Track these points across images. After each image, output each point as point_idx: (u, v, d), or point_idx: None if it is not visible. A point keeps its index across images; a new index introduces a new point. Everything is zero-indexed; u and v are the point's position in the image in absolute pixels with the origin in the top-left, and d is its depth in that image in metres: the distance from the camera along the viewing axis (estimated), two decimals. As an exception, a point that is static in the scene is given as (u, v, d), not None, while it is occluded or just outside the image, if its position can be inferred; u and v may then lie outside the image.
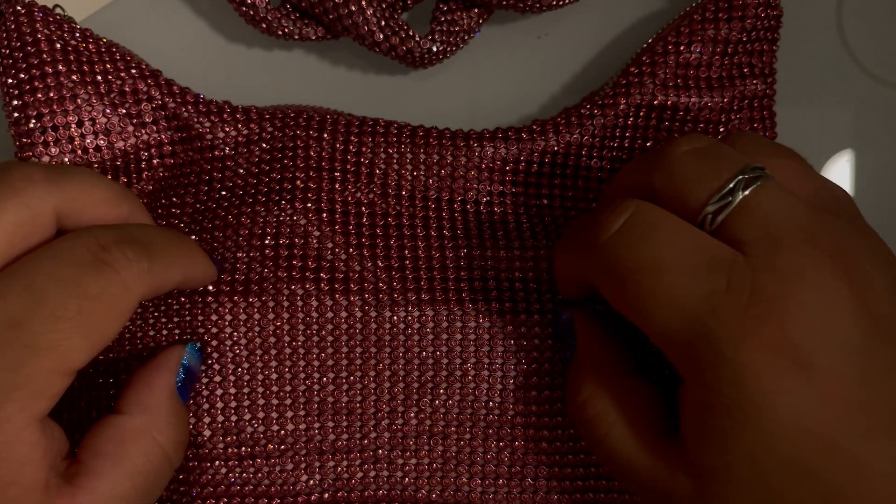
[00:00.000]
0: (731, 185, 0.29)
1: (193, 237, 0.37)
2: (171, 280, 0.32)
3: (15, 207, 0.29)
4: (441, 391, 0.36)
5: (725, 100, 0.40)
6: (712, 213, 0.29)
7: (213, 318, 0.35)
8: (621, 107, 0.39)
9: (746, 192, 0.29)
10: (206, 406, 0.35)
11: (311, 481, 0.36)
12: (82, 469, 0.30)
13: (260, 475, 0.36)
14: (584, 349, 0.35)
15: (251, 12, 0.40)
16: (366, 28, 0.39)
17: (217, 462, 0.35)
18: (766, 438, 0.27)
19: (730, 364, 0.27)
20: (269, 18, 0.40)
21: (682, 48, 0.39)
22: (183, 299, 0.36)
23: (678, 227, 0.30)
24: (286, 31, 0.41)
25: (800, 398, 0.27)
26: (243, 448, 0.36)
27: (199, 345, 0.35)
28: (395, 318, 0.36)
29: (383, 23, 0.39)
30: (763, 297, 0.28)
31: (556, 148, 0.39)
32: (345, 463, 0.36)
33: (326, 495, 0.36)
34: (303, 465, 0.36)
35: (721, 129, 0.40)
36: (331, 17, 0.39)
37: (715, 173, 0.30)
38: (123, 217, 0.33)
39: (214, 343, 0.35)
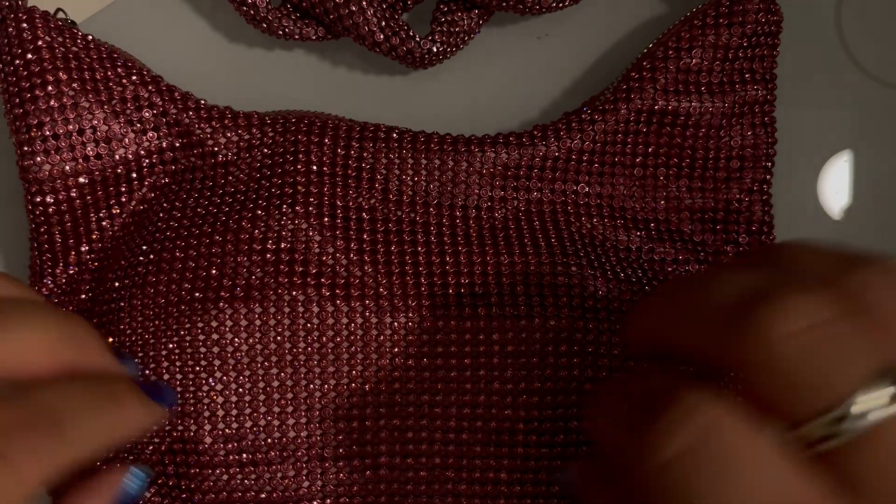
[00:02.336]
0: (852, 409, 0.22)
1: (193, 241, 0.37)
2: (90, 452, 0.28)
3: None
4: (441, 397, 0.36)
5: (726, 105, 0.40)
6: (818, 438, 0.22)
7: (214, 324, 0.35)
8: (622, 112, 0.39)
9: (874, 421, 0.21)
10: (206, 413, 0.36)
11: (313, 487, 0.36)
12: None
13: (261, 482, 0.36)
14: None
15: (252, 12, 0.40)
16: (366, 28, 0.39)
17: (218, 469, 0.36)
18: None
19: None
20: (270, 18, 0.40)
21: (682, 53, 0.39)
22: (183, 307, 0.36)
23: (760, 465, 0.22)
24: (287, 31, 0.41)
25: None
26: (244, 455, 0.36)
27: (145, 472, 0.34)
28: (396, 324, 0.36)
29: (384, 23, 0.39)
30: None
31: (556, 153, 0.39)
32: (346, 469, 0.36)
33: (328, 501, 0.37)
34: (304, 472, 0.36)
35: (722, 134, 0.40)
36: (331, 17, 0.39)
37: (829, 381, 0.22)
38: (64, 365, 0.30)
39: (216, 350, 0.35)
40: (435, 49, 0.40)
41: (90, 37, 0.38)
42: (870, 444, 0.22)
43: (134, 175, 0.38)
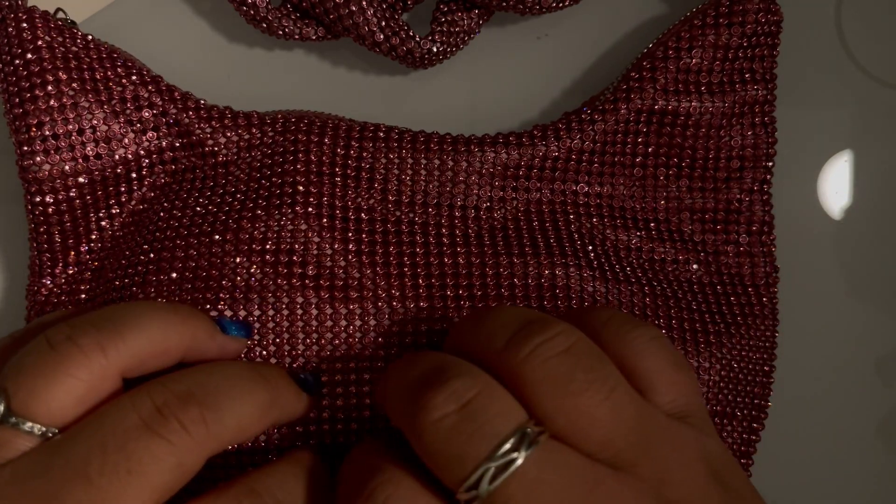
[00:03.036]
0: (478, 475, 0.26)
1: (193, 240, 0.37)
2: (245, 433, 0.30)
3: (72, 384, 0.29)
4: None
5: (726, 105, 0.40)
6: (464, 501, 0.27)
7: None
8: (622, 112, 0.39)
9: (494, 485, 0.26)
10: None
11: (313, 488, 0.36)
12: None
13: None
14: None
15: (252, 12, 0.40)
16: (366, 28, 0.39)
17: (218, 471, 0.36)
18: None
19: None
20: (270, 18, 0.40)
21: (682, 53, 0.39)
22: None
23: None
24: (286, 31, 0.41)
25: None
26: (245, 457, 0.36)
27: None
28: (395, 326, 0.36)
29: (384, 23, 0.39)
30: None
31: (556, 153, 0.39)
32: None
33: (327, 501, 0.37)
34: None
35: (722, 134, 0.40)
36: (331, 17, 0.39)
37: (460, 459, 0.27)
38: (188, 343, 0.32)
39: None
40: (435, 49, 0.40)
41: (90, 37, 0.38)
42: (496, 500, 0.26)
43: (134, 175, 0.38)
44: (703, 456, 0.29)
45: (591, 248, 0.38)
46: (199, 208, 0.38)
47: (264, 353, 0.36)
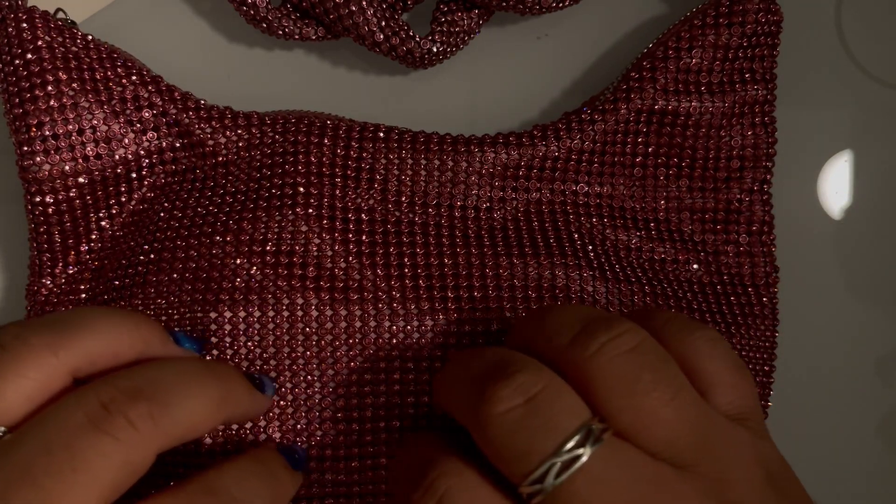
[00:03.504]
0: (544, 469, 0.27)
1: (194, 241, 0.37)
2: (195, 429, 0.30)
3: (21, 383, 0.29)
4: None
5: (726, 105, 0.40)
6: (527, 494, 0.27)
7: (213, 327, 0.35)
8: (622, 112, 0.39)
9: (561, 479, 0.27)
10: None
11: (312, 488, 0.36)
12: None
13: None
14: None
15: (252, 12, 0.40)
16: (366, 28, 0.39)
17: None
18: None
19: None
20: (270, 18, 0.40)
21: (682, 53, 0.39)
22: (183, 309, 0.36)
23: None
24: (286, 30, 0.41)
25: None
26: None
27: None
28: (395, 327, 0.36)
29: (384, 23, 0.39)
30: None
31: (556, 153, 0.39)
32: (346, 470, 0.36)
33: (327, 501, 0.37)
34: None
35: (722, 134, 0.40)
36: (331, 17, 0.39)
37: (527, 452, 0.27)
38: (139, 349, 0.32)
39: (215, 353, 0.35)
40: (435, 49, 0.40)
41: (90, 37, 0.38)
42: (561, 495, 0.27)
43: (134, 175, 0.38)
44: (760, 459, 0.30)
45: (591, 248, 0.38)
46: (199, 209, 0.38)
47: (264, 354, 0.36)
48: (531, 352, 0.30)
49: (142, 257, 0.37)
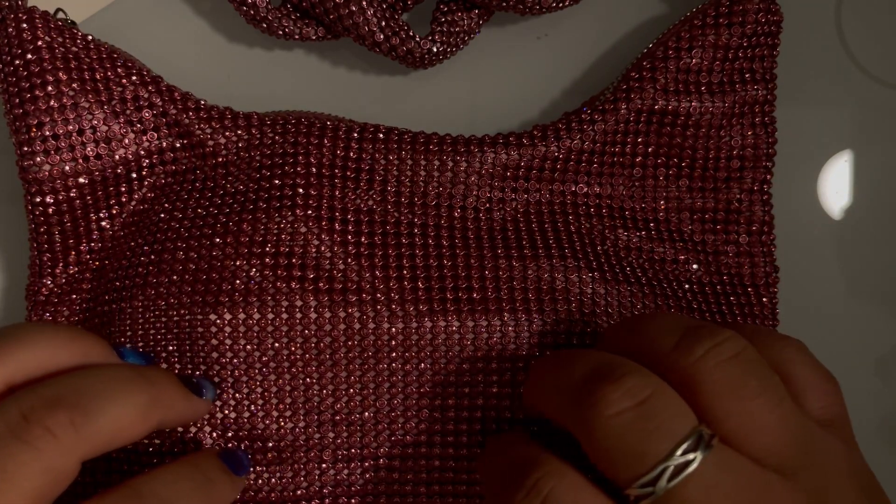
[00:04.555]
0: (657, 472, 0.27)
1: (194, 243, 0.37)
2: (122, 435, 0.30)
3: None
4: (440, 401, 0.36)
5: (726, 105, 0.40)
6: (634, 496, 0.28)
7: (213, 329, 0.35)
8: (622, 112, 0.39)
9: (673, 483, 0.27)
10: (205, 416, 0.36)
11: (311, 488, 0.36)
12: None
13: (259, 482, 0.36)
14: None
15: (252, 12, 0.40)
16: (366, 28, 0.39)
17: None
18: None
19: None
20: (270, 18, 0.40)
21: (682, 53, 0.39)
22: (182, 311, 0.36)
23: None
24: (287, 31, 0.41)
25: None
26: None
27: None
28: (394, 329, 0.36)
29: (384, 23, 0.39)
30: None
31: (556, 153, 0.39)
32: (345, 471, 0.36)
33: (326, 502, 0.37)
34: (302, 473, 0.36)
35: (722, 134, 0.40)
36: (331, 17, 0.39)
37: (640, 455, 0.27)
38: (78, 361, 0.31)
39: (214, 355, 0.35)
40: (435, 49, 0.40)
41: (90, 37, 0.38)
42: (672, 498, 0.27)
43: (134, 175, 0.38)
44: (854, 471, 0.30)
45: (590, 248, 0.38)
46: (199, 210, 0.38)
47: (263, 356, 0.36)
48: (629, 357, 0.30)
49: (142, 258, 0.37)
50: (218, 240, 0.37)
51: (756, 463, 0.28)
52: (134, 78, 0.38)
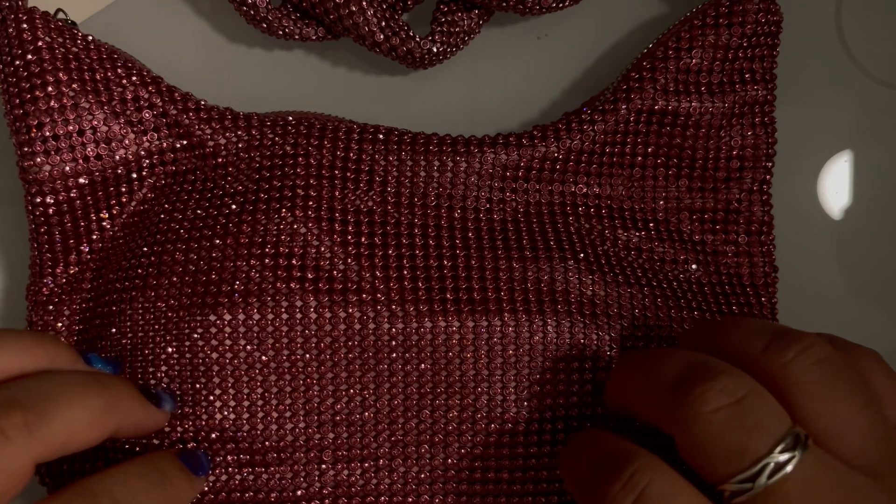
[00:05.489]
0: (756, 469, 0.28)
1: (194, 244, 0.37)
2: (76, 439, 0.30)
3: None
4: (441, 401, 0.36)
5: (726, 105, 0.40)
6: (730, 492, 0.28)
7: (213, 330, 0.35)
8: (622, 112, 0.39)
9: (773, 480, 0.27)
10: (205, 416, 0.36)
11: (311, 489, 0.36)
12: None
13: (259, 482, 0.36)
14: None
15: (252, 12, 0.40)
16: (366, 28, 0.39)
17: (217, 469, 0.36)
18: None
19: None
20: (270, 18, 0.40)
21: (682, 53, 0.39)
22: (182, 312, 0.36)
23: None
24: (287, 31, 0.41)
25: None
26: (243, 456, 0.36)
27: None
28: (394, 329, 0.36)
29: (384, 23, 0.39)
30: None
31: (556, 154, 0.39)
32: (345, 472, 0.37)
33: (326, 502, 0.37)
34: (302, 474, 0.36)
35: (722, 134, 0.40)
36: (331, 17, 0.39)
37: (740, 451, 0.28)
38: (43, 366, 0.32)
39: (214, 356, 0.36)
40: (435, 49, 0.40)
41: (90, 37, 0.38)
42: (771, 495, 0.27)
43: (134, 175, 0.38)
44: None
45: (590, 249, 0.38)
46: (199, 210, 0.38)
47: (263, 357, 0.36)
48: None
49: (142, 259, 0.37)
50: (218, 240, 0.37)
51: (845, 464, 0.29)
52: (134, 78, 0.38)
